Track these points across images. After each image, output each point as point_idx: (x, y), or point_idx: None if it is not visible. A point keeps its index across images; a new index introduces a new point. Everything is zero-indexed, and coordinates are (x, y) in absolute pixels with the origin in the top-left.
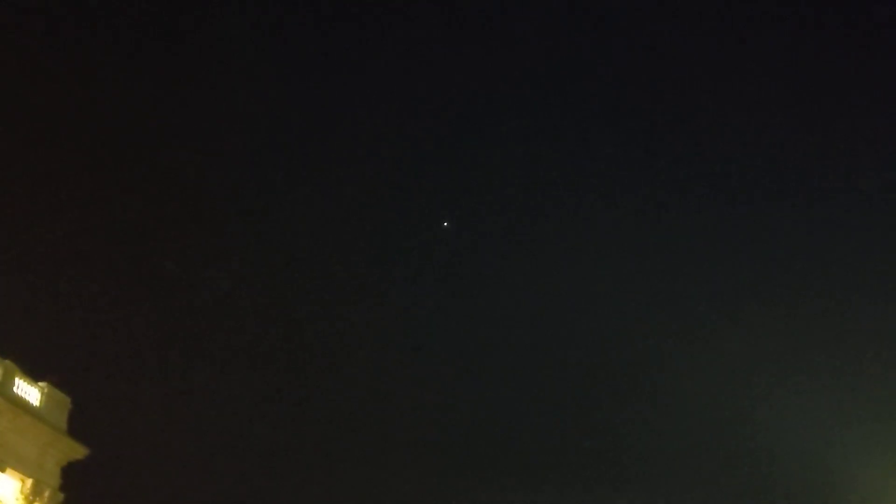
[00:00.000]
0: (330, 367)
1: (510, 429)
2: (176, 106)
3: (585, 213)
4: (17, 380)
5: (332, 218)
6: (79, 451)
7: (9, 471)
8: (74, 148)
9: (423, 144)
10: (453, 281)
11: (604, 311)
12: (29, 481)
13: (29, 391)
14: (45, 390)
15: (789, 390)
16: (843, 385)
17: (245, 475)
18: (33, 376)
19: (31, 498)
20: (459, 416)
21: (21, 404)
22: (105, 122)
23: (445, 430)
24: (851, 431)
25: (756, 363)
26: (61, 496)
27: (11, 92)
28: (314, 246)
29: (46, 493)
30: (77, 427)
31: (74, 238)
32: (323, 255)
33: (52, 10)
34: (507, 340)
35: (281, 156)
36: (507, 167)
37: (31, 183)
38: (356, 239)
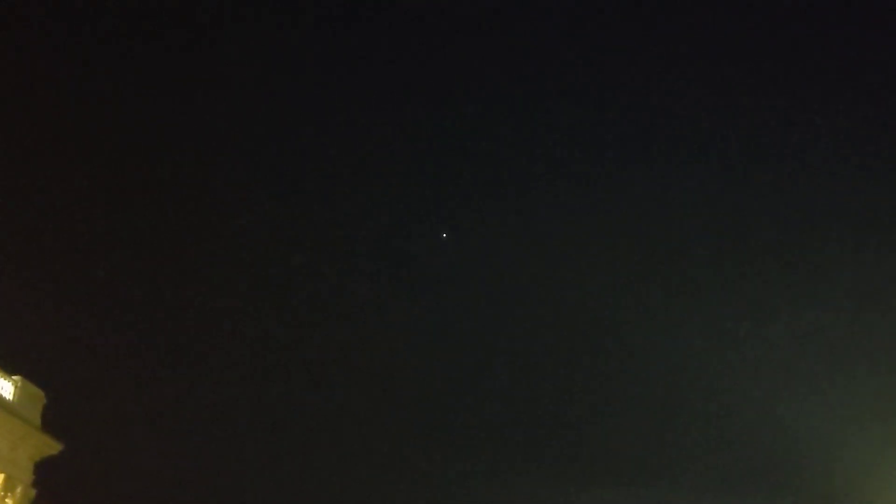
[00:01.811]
0: (324, 370)
1: (509, 432)
2: (176, 113)
3: (584, 223)
4: None
5: (330, 227)
6: (52, 447)
7: None
8: (61, 145)
9: (422, 155)
10: (451, 291)
11: (602, 317)
12: (0, 477)
13: (2, 385)
14: (19, 384)
15: (807, 389)
16: (855, 375)
17: (224, 472)
18: (7, 370)
19: (2, 493)
20: (457, 419)
21: None
22: (86, 117)
23: (444, 434)
24: (861, 422)
25: (769, 358)
26: (34, 492)
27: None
28: (311, 254)
29: (18, 489)
30: (51, 422)
31: (50, 231)
32: (320, 264)
33: (51, 11)
34: (504, 348)
35: (280, 164)
36: (505, 178)
37: (6, 178)
38: (354, 248)
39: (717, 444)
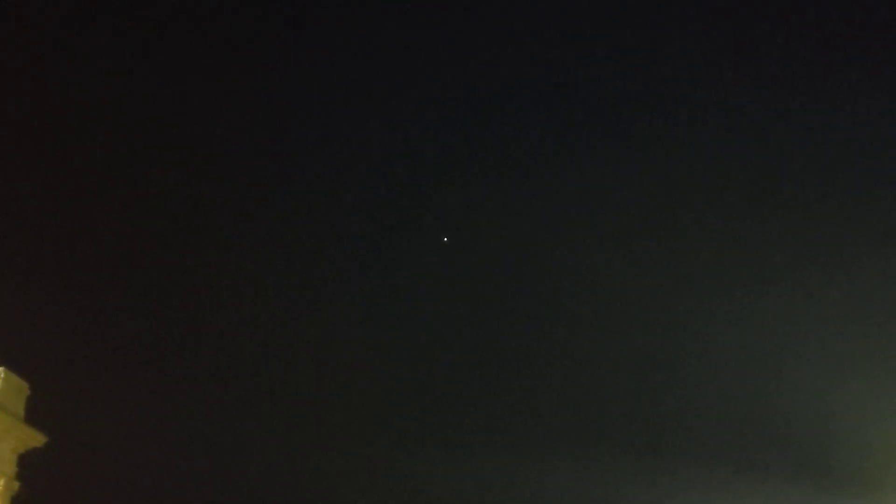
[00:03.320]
0: (323, 372)
1: (512, 431)
2: (171, 108)
3: (587, 226)
4: None
5: (329, 229)
6: (36, 439)
7: None
8: (45, 134)
9: (423, 158)
10: (451, 295)
11: (603, 322)
12: None
13: None
14: (2, 375)
15: (811, 359)
16: (861, 343)
17: (212, 465)
18: None
19: None
20: (458, 420)
21: None
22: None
23: (444, 434)
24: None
25: (771, 326)
26: (17, 485)
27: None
28: (310, 256)
29: (1, 482)
30: (35, 414)
31: (32, 219)
32: (319, 267)
33: (46, 10)
34: (506, 349)
35: (279, 165)
36: (507, 182)
37: None
38: (354, 252)
39: (718, 417)
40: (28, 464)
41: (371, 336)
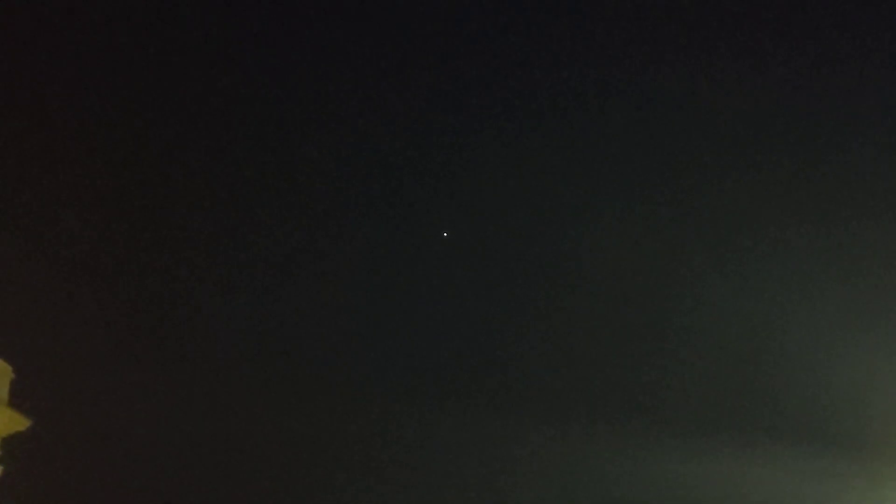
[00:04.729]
0: (318, 368)
1: (515, 439)
2: (167, 109)
3: (589, 221)
4: None
5: (328, 223)
6: (20, 423)
7: None
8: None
9: (423, 151)
10: (452, 291)
11: (603, 318)
12: None
13: None
14: None
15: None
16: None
17: (202, 452)
18: None
19: None
20: (457, 421)
21: None
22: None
23: (443, 436)
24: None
25: (771, 277)
26: (0, 469)
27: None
28: (308, 251)
29: None
30: (19, 398)
31: (16, 203)
32: (317, 261)
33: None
34: (506, 350)
35: (277, 162)
36: (507, 176)
37: None
38: (352, 247)
39: (711, 380)
40: (12, 448)
41: (369, 331)
